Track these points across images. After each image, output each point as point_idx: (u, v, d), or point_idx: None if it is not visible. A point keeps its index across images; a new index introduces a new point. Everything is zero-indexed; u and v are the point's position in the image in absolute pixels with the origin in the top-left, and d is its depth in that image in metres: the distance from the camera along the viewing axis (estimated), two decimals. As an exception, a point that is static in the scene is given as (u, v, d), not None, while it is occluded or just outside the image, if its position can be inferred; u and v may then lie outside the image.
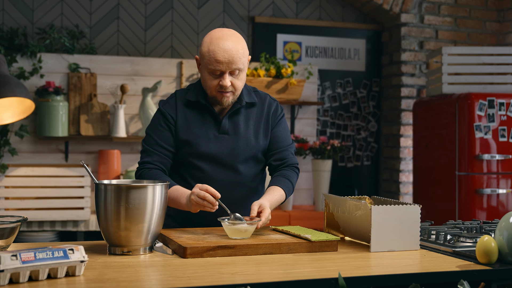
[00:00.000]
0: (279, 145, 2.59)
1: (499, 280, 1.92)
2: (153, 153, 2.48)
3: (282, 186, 2.51)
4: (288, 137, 2.63)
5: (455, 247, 2.18)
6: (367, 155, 5.57)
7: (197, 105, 2.52)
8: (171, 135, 2.49)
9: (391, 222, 2.20)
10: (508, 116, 4.52)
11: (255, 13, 5.25)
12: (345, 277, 1.76)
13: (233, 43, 2.39)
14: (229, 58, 2.36)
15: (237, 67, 2.40)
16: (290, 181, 2.55)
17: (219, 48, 2.37)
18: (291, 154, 2.62)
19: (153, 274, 1.83)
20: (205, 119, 2.50)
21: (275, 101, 2.63)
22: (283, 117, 2.64)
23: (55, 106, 4.46)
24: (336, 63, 5.46)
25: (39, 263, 1.69)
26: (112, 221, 2.05)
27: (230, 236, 2.21)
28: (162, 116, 2.51)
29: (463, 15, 5.44)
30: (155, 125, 2.52)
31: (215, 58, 2.37)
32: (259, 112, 2.57)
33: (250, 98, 2.56)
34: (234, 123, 2.52)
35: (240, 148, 2.51)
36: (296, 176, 2.61)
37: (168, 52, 5.04)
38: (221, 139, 2.50)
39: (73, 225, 4.38)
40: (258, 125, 2.56)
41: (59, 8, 4.82)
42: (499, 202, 4.50)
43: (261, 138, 2.55)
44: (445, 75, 4.70)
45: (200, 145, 2.48)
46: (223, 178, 2.50)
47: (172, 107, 2.51)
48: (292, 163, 2.61)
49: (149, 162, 2.47)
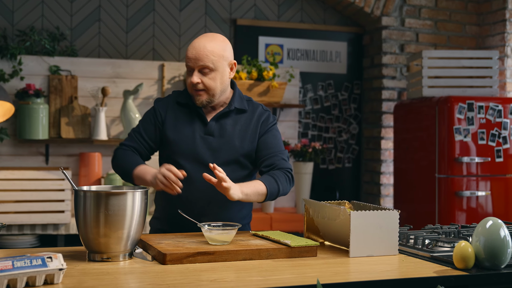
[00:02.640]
0: (269, 151, 2.58)
1: (476, 286, 1.95)
2: (133, 139, 2.63)
3: (264, 180, 2.46)
4: (279, 144, 2.62)
5: (433, 252, 2.20)
6: (349, 157, 5.60)
7: (188, 107, 2.61)
8: (154, 130, 2.61)
9: (370, 228, 2.22)
10: (487, 119, 4.57)
11: (237, 16, 5.26)
12: (323, 283, 1.77)
13: (206, 42, 2.51)
14: (196, 54, 2.49)
15: (205, 65, 2.48)
16: (274, 179, 2.49)
17: (191, 46, 2.53)
18: (282, 160, 2.58)
19: (132, 282, 1.83)
20: (193, 120, 2.58)
21: (268, 111, 2.66)
22: (274, 125, 2.65)
23: (36, 109, 4.44)
24: (317, 65, 5.48)
25: (17, 271, 1.68)
26: (92, 228, 2.05)
27: (210, 242, 2.21)
28: (153, 111, 2.65)
29: (443, 19, 5.49)
30: (145, 117, 2.66)
31: (186, 55, 2.53)
32: (249, 119, 2.61)
33: (241, 104, 2.61)
34: (221, 126, 2.57)
35: (222, 150, 2.54)
36: (284, 177, 2.53)
37: (149, 55, 5.03)
38: (206, 140, 2.55)
39: (54, 228, 4.35)
40: (245, 131, 2.58)
41: (40, 10, 4.79)
42: (478, 204, 4.55)
43: (246, 143, 2.57)
44: (425, 78, 4.74)
45: (184, 144, 2.54)
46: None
47: (164, 105, 2.63)
48: (282, 167, 2.56)
49: (126, 145, 2.63)
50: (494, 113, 4.58)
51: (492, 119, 4.58)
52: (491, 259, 1.98)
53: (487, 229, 2.01)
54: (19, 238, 4.32)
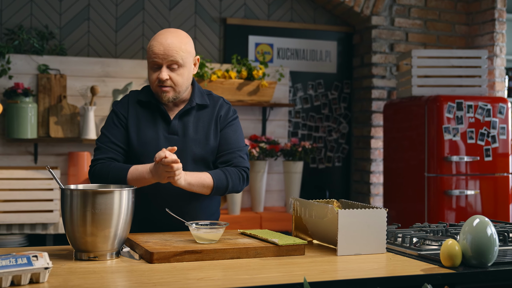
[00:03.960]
0: (227, 147, 2.56)
1: (463, 284, 1.95)
2: (106, 150, 2.50)
3: (212, 174, 2.45)
4: (238, 140, 2.59)
5: (420, 250, 2.21)
6: (338, 157, 5.60)
7: (149, 105, 2.55)
8: (123, 133, 2.53)
9: (358, 226, 2.22)
10: (476, 118, 4.58)
11: (227, 15, 5.25)
12: (310, 281, 1.77)
13: (172, 38, 2.46)
14: (164, 50, 2.43)
15: (174, 60, 2.44)
16: (225, 174, 2.48)
17: (156, 42, 2.46)
18: (239, 157, 2.56)
19: (119, 280, 1.82)
20: (156, 120, 2.53)
21: (228, 104, 2.63)
22: (235, 120, 2.62)
23: (24, 108, 4.42)
24: (307, 65, 5.48)
25: (2, 270, 1.67)
26: (78, 227, 2.04)
27: (197, 241, 2.20)
28: (114, 115, 2.56)
29: (433, 18, 5.50)
30: (108, 123, 2.56)
31: (152, 51, 2.45)
32: (210, 114, 2.57)
33: (201, 100, 2.58)
34: (184, 124, 2.53)
35: (188, 149, 2.51)
36: (237, 175, 2.52)
37: (139, 54, 5.01)
38: (171, 140, 2.51)
39: (42, 228, 4.33)
40: (208, 127, 2.55)
41: (28, 8, 4.77)
42: (467, 203, 4.56)
43: (211, 140, 2.54)
44: (414, 78, 4.75)
45: (149, 146, 2.49)
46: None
47: (124, 107, 2.56)
48: (238, 165, 2.55)
49: (102, 158, 2.49)
50: (483, 112, 4.59)
51: (481, 118, 4.59)
52: (478, 257, 1.99)
53: (474, 227, 2.01)
54: (7, 238, 4.30)
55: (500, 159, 4.65)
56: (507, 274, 2.00)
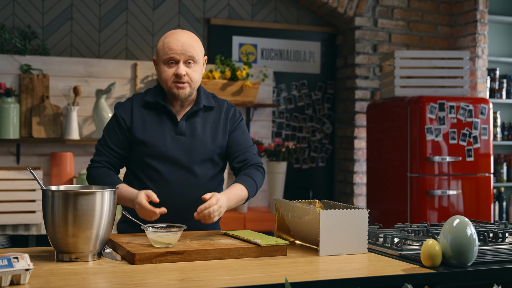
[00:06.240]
0: (240, 148, 2.62)
1: (443, 283, 1.96)
2: (102, 153, 2.56)
3: (244, 184, 2.52)
4: (248, 139, 2.67)
5: (401, 251, 2.22)
6: (322, 157, 5.62)
7: (155, 107, 2.57)
8: (122, 138, 2.54)
9: (340, 226, 2.23)
10: (458, 119, 4.62)
11: (210, 15, 5.25)
12: (292, 282, 1.78)
13: (187, 36, 2.52)
14: (182, 46, 2.47)
15: (191, 56, 2.48)
16: (253, 179, 2.56)
17: (173, 39, 2.49)
18: (253, 155, 2.64)
19: (101, 282, 1.82)
20: (162, 120, 2.54)
21: (233, 107, 2.69)
22: (242, 121, 2.69)
23: (6, 108, 4.39)
24: (291, 65, 5.50)
25: (-18, 272, 1.66)
26: (60, 228, 2.03)
27: (154, 245, 2.15)
28: (115, 119, 2.58)
29: (415, 19, 5.54)
30: (109, 127, 2.59)
31: (169, 47, 2.48)
32: (217, 116, 2.62)
33: (208, 102, 2.61)
34: (191, 125, 2.55)
35: (196, 149, 2.53)
36: (260, 175, 2.61)
37: (122, 54, 5.00)
38: (178, 140, 2.53)
39: (25, 229, 4.31)
40: (216, 129, 2.59)
41: (11, 8, 4.74)
42: (449, 203, 4.60)
43: (218, 141, 2.58)
44: (397, 78, 4.78)
45: (156, 146, 2.51)
46: (179, 179, 2.51)
47: (127, 110, 2.56)
48: (255, 162, 2.63)
49: (98, 161, 2.56)
50: (465, 113, 4.63)
51: (463, 119, 4.63)
52: (458, 257, 2.01)
53: (454, 227, 2.03)
54: (-11, 239, 4.27)
55: (482, 159, 4.69)
56: (487, 274, 2.02)
